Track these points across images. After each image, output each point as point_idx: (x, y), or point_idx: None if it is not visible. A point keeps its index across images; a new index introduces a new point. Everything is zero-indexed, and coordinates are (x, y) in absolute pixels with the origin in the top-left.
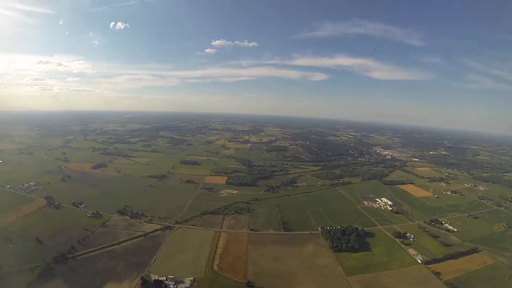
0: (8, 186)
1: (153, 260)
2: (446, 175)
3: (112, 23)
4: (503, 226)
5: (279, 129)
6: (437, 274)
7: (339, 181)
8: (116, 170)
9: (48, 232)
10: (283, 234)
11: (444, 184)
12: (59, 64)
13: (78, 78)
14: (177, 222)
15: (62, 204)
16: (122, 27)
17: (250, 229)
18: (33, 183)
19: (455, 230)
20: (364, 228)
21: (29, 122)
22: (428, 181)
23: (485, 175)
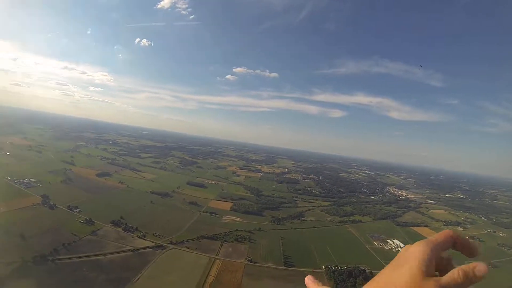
0: (8, 177)
1: (137, 278)
2: (463, 219)
3: (137, 39)
4: None
5: (293, 162)
6: None
7: (349, 219)
8: (120, 181)
9: (34, 230)
10: (283, 269)
11: (461, 229)
12: (83, 73)
13: (99, 89)
14: (171, 242)
15: (56, 205)
16: (146, 44)
17: (248, 260)
18: (33, 180)
19: None
20: (373, 271)
21: (45, 123)
22: (444, 225)
23: (505, 220)
